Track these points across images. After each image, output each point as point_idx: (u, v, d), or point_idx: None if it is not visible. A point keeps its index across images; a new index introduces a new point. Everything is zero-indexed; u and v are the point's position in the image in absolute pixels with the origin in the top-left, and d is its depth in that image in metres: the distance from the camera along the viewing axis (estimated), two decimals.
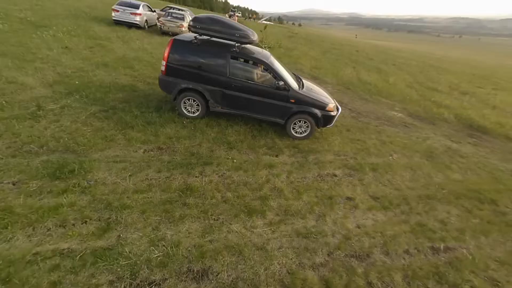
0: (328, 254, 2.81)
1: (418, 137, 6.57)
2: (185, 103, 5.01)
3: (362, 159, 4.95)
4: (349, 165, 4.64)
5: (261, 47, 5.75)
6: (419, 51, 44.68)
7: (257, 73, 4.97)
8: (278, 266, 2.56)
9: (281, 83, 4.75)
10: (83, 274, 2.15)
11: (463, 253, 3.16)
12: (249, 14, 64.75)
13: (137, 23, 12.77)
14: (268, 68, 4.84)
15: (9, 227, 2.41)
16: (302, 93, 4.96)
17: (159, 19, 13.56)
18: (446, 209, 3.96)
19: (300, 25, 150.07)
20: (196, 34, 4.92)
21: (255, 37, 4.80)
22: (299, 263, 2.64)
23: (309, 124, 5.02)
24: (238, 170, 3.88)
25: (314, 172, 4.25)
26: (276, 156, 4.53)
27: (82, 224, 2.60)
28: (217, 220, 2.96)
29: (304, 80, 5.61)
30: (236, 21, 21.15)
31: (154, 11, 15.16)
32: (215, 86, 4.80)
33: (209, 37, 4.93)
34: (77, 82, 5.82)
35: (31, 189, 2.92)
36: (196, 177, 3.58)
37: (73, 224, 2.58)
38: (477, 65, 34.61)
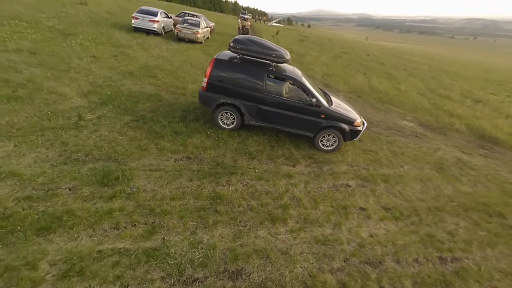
0: (344, 260, 3.14)
1: (429, 148, 6.78)
2: (221, 116, 5.46)
3: (374, 170, 5.24)
4: (362, 176, 4.93)
5: (292, 65, 6.13)
6: (431, 54, 43.95)
7: (290, 90, 5.33)
8: (300, 269, 2.91)
9: (314, 100, 5.13)
10: (140, 270, 2.56)
11: (469, 264, 3.42)
12: (259, 16, 65.07)
13: (155, 30, 13.35)
14: (302, 86, 5.19)
15: (74, 228, 2.86)
16: (331, 109, 5.30)
17: (176, 26, 14.11)
18: (454, 221, 4.22)
19: (309, 26, 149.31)
20: (235, 54, 5.25)
21: (288, 56, 5.20)
22: (319, 267, 2.99)
23: (336, 138, 5.36)
24: (260, 180, 4.25)
25: (329, 183, 4.57)
26: (293, 166, 4.87)
27: (132, 227, 3.02)
28: (245, 226, 3.34)
29: (331, 96, 5.95)
30: (249, 25, 21.33)
31: (170, 18, 15.76)
32: (251, 102, 5.22)
33: (241, 55, 5.23)
34: (108, 92, 6.33)
35: (85, 194, 3.37)
36: (223, 186, 3.97)
37: (125, 227, 3.00)
38: (492, 68, 33.83)
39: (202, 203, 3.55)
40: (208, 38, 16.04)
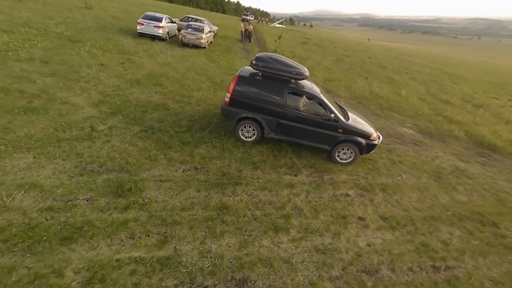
0: (342, 268, 3.37)
1: (427, 156, 6.96)
2: (242, 129, 5.72)
3: (373, 179, 5.44)
4: (361, 186, 5.15)
5: (310, 81, 6.33)
6: (434, 55, 43.81)
7: (308, 105, 5.57)
8: (301, 278, 3.14)
9: (333, 115, 5.37)
10: (155, 278, 2.81)
11: (461, 272, 3.63)
12: (261, 18, 65.23)
13: (160, 35, 13.63)
14: (321, 102, 5.44)
15: (94, 238, 3.11)
16: (349, 124, 5.53)
17: (180, 32, 14.37)
18: (449, 230, 4.42)
19: (311, 26, 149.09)
20: (257, 71, 5.47)
21: (307, 73, 5.45)
22: (318, 275, 3.21)
23: (353, 151, 5.59)
24: (263, 190, 4.49)
25: (329, 192, 4.79)
26: (295, 175, 5.10)
27: (146, 236, 3.27)
28: (250, 236, 3.57)
29: (348, 111, 6.16)
30: (251, 29, 21.59)
31: (174, 22, 16.03)
32: (271, 116, 5.47)
33: (263, 72, 5.43)
34: (118, 102, 6.59)
35: (101, 205, 3.63)
36: (229, 196, 4.21)
37: (139, 237, 3.25)
38: (496, 70, 33.71)
39: (210, 214, 3.79)
40: (211, 42, 16.30)
